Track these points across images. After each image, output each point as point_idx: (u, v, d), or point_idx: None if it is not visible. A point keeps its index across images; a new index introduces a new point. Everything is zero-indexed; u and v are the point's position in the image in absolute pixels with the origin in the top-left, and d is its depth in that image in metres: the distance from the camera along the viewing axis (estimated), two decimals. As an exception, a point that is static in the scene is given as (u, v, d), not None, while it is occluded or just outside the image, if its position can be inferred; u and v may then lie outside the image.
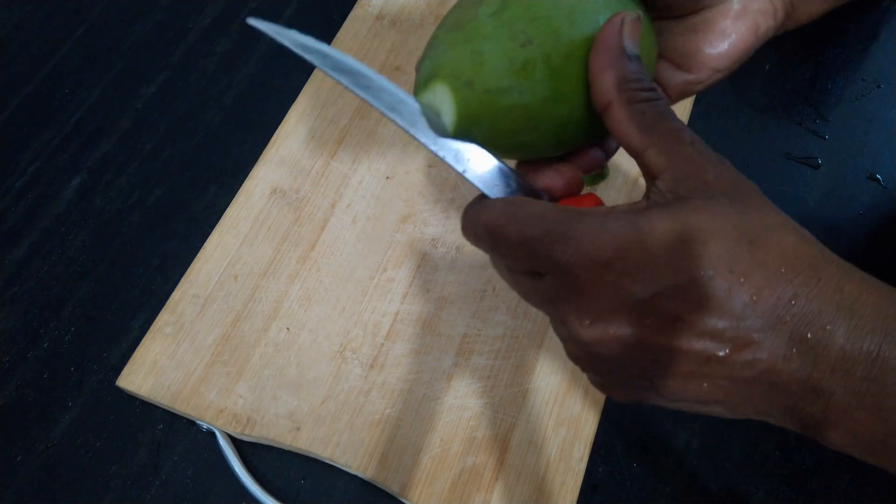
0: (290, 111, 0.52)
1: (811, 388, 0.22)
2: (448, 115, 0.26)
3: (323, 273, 0.46)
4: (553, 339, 0.44)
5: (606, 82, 0.25)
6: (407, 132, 0.27)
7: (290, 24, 0.59)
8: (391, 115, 0.26)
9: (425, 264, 0.46)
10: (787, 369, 0.22)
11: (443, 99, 0.26)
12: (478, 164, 0.27)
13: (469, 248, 0.47)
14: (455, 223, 0.48)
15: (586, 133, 0.28)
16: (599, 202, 0.27)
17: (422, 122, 0.27)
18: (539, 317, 0.45)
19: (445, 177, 0.49)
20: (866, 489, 0.41)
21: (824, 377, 0.21)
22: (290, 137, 0.51)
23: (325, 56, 0.27)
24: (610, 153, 0.30)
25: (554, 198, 0.28)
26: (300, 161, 0.50)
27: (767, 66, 0.55)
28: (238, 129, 0.54)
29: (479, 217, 0.26)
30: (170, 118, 0.54)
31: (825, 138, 0.53)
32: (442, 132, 0.27)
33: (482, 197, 0.27)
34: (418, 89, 0.28)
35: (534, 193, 0.27)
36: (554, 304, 0.24)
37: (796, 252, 0.22)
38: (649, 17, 0.30)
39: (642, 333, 0.23)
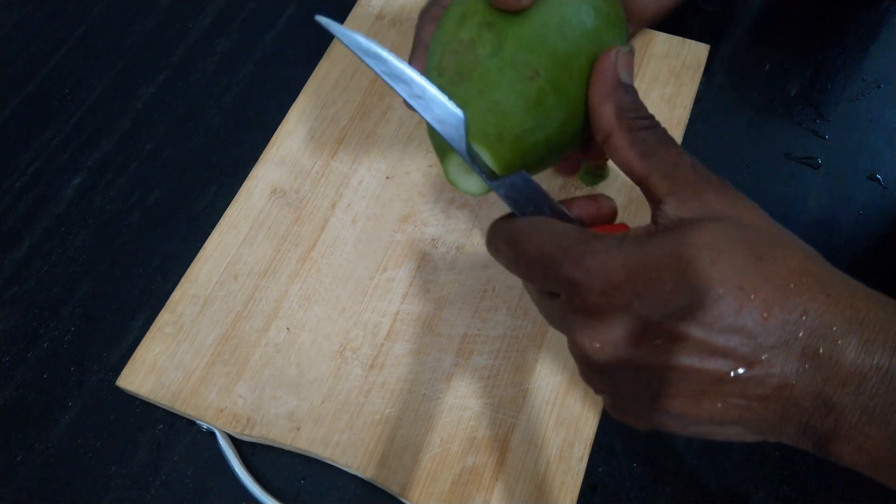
0: (290, 111, 0.52)
1: (823, 404, 0.22)
2: (486, 172, 0.27)
3: (323, 273, 0.46)
4: (553, 340, 0.44)
5: (606, 113, 0.26)
6: (451, 146, 0.27)
7: (290, 24, 0.59)
8: (439, 127, 0.26)
9: (425, 264, 0.46)
10: (800, 385, 0.22)
11: (477, 158, 0.27)
12: (514, 187, 0.28)
13: (469, 248, 0.47)
14: (455, 223, 0.48)
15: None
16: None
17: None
18: (539, 317, 0.45)
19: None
20: (866, 489, 0.41)
21: (836, 392, 0.21)
22: (290, 137, 0.51)
23: (382, 62, 0.28)
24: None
25: (586, 225, 0.28)
26: (300, 161, 0.50)
27: (767, 66, 0.55)
28: (238, 129, 0.54)
29: (501, 231, 0.27)
30: (170, 118, 0.54)
31: (825, 138, 0.53)
32: (477, 188, 0.28)
33: (511, 215, 0.28)
34: (445, 150, 0.28)
35: (566, 219, 0.28)
36: (567, 325, 0.25)
37: (803, 268, 0.22)
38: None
39: (652, 355, 0.23)
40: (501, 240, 0.27)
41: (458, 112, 0.26)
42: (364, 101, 0.52)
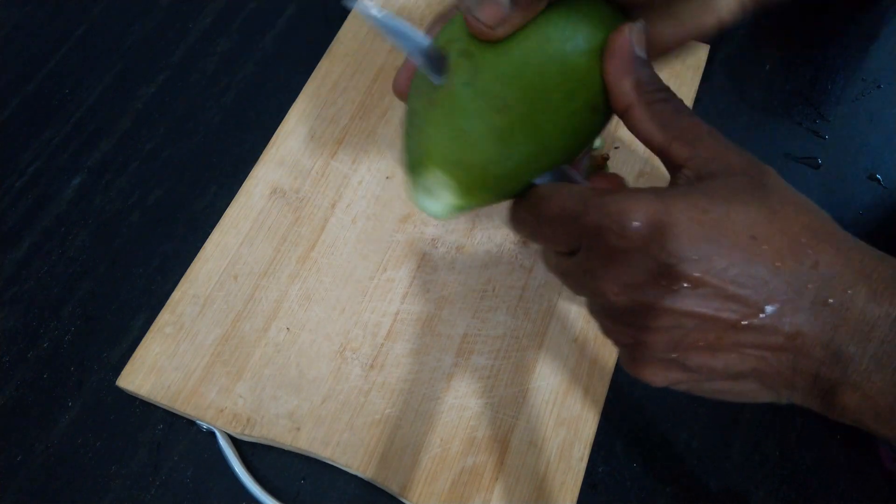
0: (290, 111, 0.52)
1: (833, 353, 0.23)
2: (446, 197, 0.27)
3: (323, 273, 0.46)
4: (553, 340, 0.44)
5: (625, 87, 0.26)
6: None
7: (289, 24, 0.59)
8: None
9: (425, 264, 0.46)
10: (811, 333, 0.23)
11: (439, 182, 0.27)
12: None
13: (469, 247, 0.47)
14: (455, 223, 0.48)
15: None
16: None
17: None
18: (539, 317, 0.45)
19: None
20: (866, 489, 0.41)
21: (844, 341, 0.22)
22: (290, 137, 0.51)
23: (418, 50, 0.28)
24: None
25: None
26: (300, 161, 0.50)
27: (767, 66, 0.55)
28: (238, 129, 0.54)
29: (522, 202, 0.28)
30: (170, 118, 0.54)
31: (825, 138, 0.53)
32: (439, 211, 0.28)
33: (530, 185, 0.29)
34: (411, 171, 0.28)
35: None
36: (588, 277, 0.26)
37: (815, 225, 0.24)
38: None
39: (670, 300, 0.24)
40: (523, 208, 0.28)
41: None
42: (364, 101, 0.52)
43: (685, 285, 0.23)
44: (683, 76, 0.52)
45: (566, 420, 0.42)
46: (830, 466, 0.42)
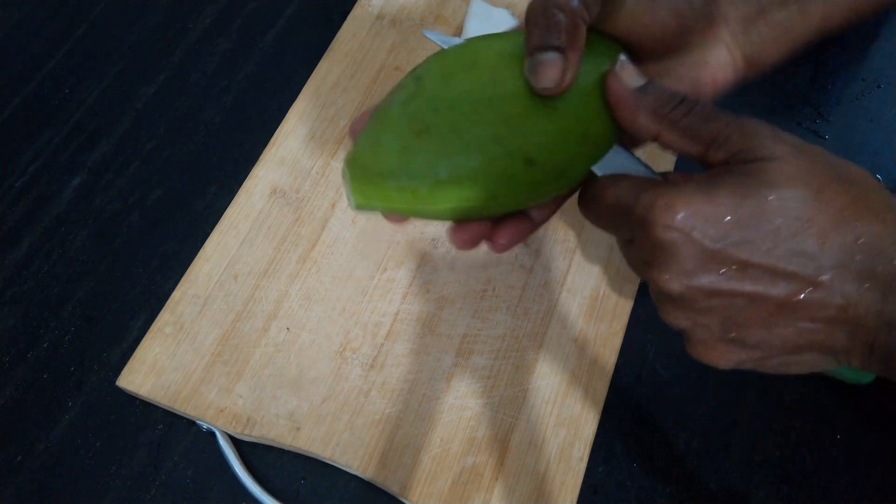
0: (290, 111, 0.52)
1: (885, 322, 0.24)
2: (351, 192, 0.29)
3: (323, 273, 0.46)
4: (553, 339, 0.44)
5: (644, 122, 0.27)
6: None
7: (290, 24, 0.59)
8: None
9: (425, 264, 0.46)
10: (862, 304, 0.24)
11: (347, 176, 0.29)
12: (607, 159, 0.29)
13: (469, 248, 0.47)
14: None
15: (490, 212, 0.29)
16: None
17: None
18: (539, 317, 0.45)
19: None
20: (866, 489, 0.41)
21: (894, 309, 0.23)
22: (290, 137, 0.51)
23: None
24: (535, 223, 0.32)
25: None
26: (300, 161, 0.50)
27: (767, 66, 0.55)
28: (238, 129, 0.54)
29: (587, 190, 0.29)
30: (170, 118, 0.54)
31: (825, 138, 0.53)
32: (351, 202, 0.29)
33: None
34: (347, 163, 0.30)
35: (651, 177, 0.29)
36: (644, 265, 0.27)
37: (860, 198, 0.24)
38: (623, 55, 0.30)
39: (719, 282, 0.25)
40: (588, 195, 0.29)
41: None
42: (364, 101, 0.52)
43: (733, 267, 0.24)
44: (683, 76, 0.52)
45: (566, 420, 0.42)
46: (830, 466, 0.42)
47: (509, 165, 0.27)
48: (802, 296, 0.24)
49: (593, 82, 0.28)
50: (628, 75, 0.27)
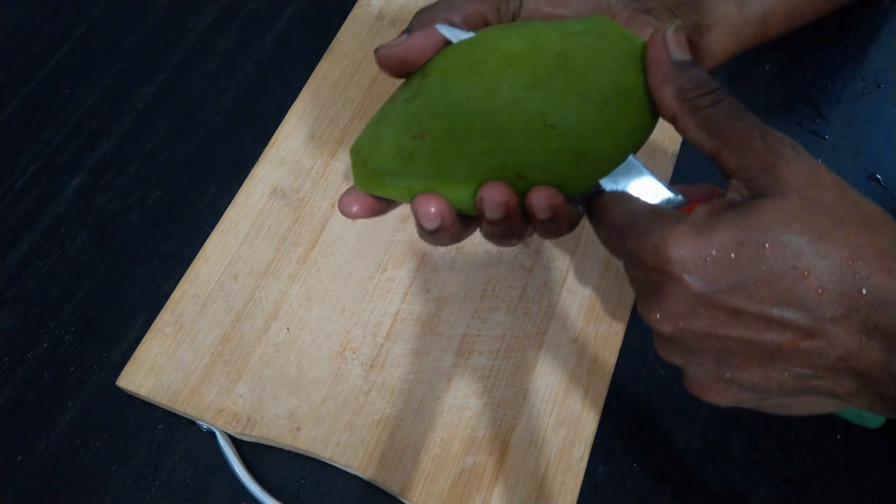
0: (290, 111, 0.52)
1: (891, 375, 0.22)
2: (355, 181, 0.31)
3: (323, 273, 0.46)
4: (553, 340, 0.44)
5: (667, 97, 0.26)
6: None
7: (290, 24, 0.59)
8: None
9: (425, 264, 0.46)
10: (864, 355, 0.23)
11: (352, 165, 0.30)
12: (630, 182, 0.29)
13: (469, 248, 0.47)
14: (455, 223, 0.48)
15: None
16: None
17: None
18: (539, 317, 0.45)
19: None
20: (866, 489, 0.41)
21: None
22: (290, 137, 0.51)
23: None
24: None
25: (688, 201, 0.28)
26: (300, 161, 0.50)
27: (767, 66, 0.55)
28: (238, 129, 0.54)
29: (593, 204, 0.29)
30: (170, 118, 0.54)
31: (825, 138, 0.53)
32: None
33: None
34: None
35: (664, 191, 0.29)
36: (638, 299, 0.26)
37: (867, 244, 0.23)
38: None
39: (710, 327, 0.24)
40: (592, 210, 0.29)
41: None
42: (364, 101, 0.52)
43: (725, 313, 0.23)
44: (683, 76, 0.52)
45: (566, 420, 0.42)
46: (830, 466, 0.42)
47: (500, 177, 0.27)
48: (798, 345, 0.23)
49: (601, 97, 0.26)
50: (675, 44, 0.26)
